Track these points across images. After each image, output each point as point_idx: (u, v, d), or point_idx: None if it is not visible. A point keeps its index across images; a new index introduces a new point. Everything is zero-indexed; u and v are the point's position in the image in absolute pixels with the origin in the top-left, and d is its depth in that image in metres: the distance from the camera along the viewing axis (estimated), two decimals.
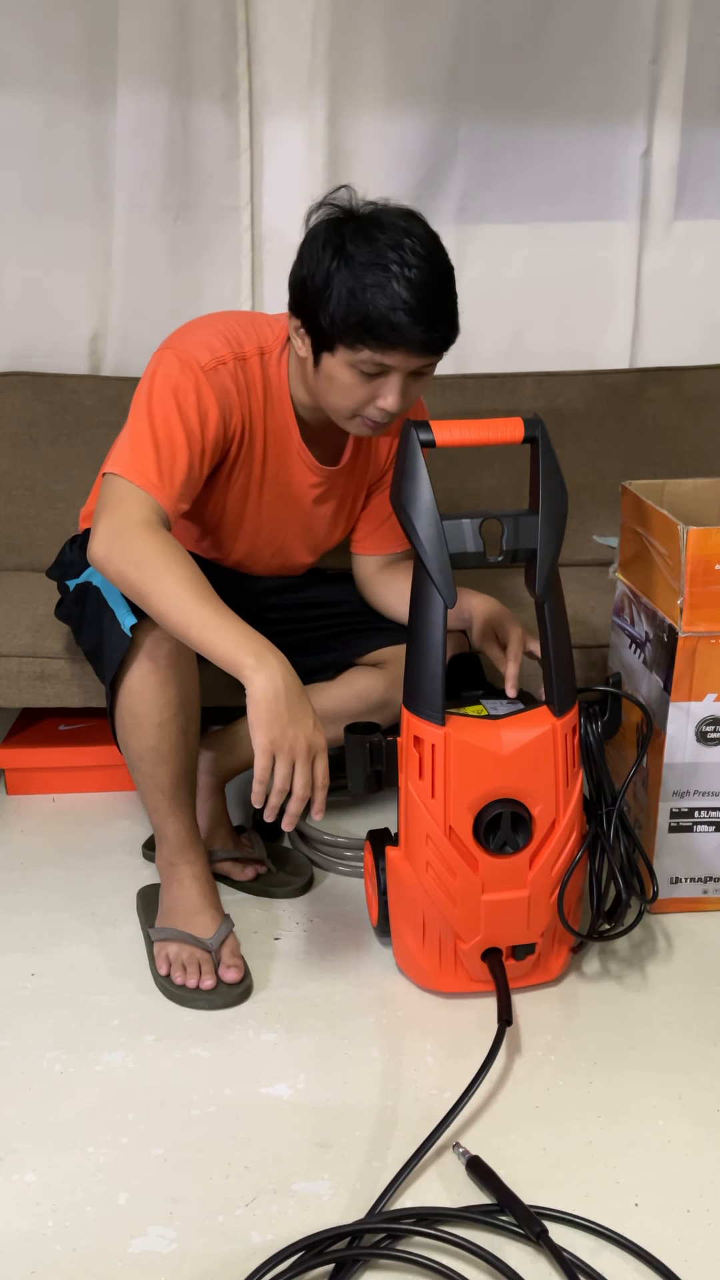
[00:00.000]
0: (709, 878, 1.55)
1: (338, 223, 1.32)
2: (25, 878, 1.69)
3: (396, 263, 1.26)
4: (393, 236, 1.28)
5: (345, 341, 1.30)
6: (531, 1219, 1.04)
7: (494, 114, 2.21)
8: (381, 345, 1.29)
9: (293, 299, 1.37)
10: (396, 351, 1.30)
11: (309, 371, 1.39)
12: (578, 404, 2.25)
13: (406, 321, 1.27)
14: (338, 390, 1.35)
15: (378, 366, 1.31)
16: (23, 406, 2.19)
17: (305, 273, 1.32)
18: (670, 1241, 1.04)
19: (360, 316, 1.27)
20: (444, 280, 1.31)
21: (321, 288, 1.30)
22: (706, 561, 1.40)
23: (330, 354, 1.33)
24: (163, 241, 2.23)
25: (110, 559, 1.28)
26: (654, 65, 2.21)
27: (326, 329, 1.31)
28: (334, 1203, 1.09)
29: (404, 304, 1.26)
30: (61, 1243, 1.05)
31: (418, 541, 1.24)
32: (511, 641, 1.46)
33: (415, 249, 1.28)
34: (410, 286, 1.26)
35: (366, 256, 1.27)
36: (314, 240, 1.33)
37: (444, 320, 1.31)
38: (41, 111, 2.14)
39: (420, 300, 1.27)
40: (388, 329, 1.27)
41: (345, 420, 1.40)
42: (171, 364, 1.37)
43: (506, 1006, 1.29)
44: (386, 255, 1.27)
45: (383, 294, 1.26)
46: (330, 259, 1.29)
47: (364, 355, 1.30)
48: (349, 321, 1.28)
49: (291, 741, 1.22)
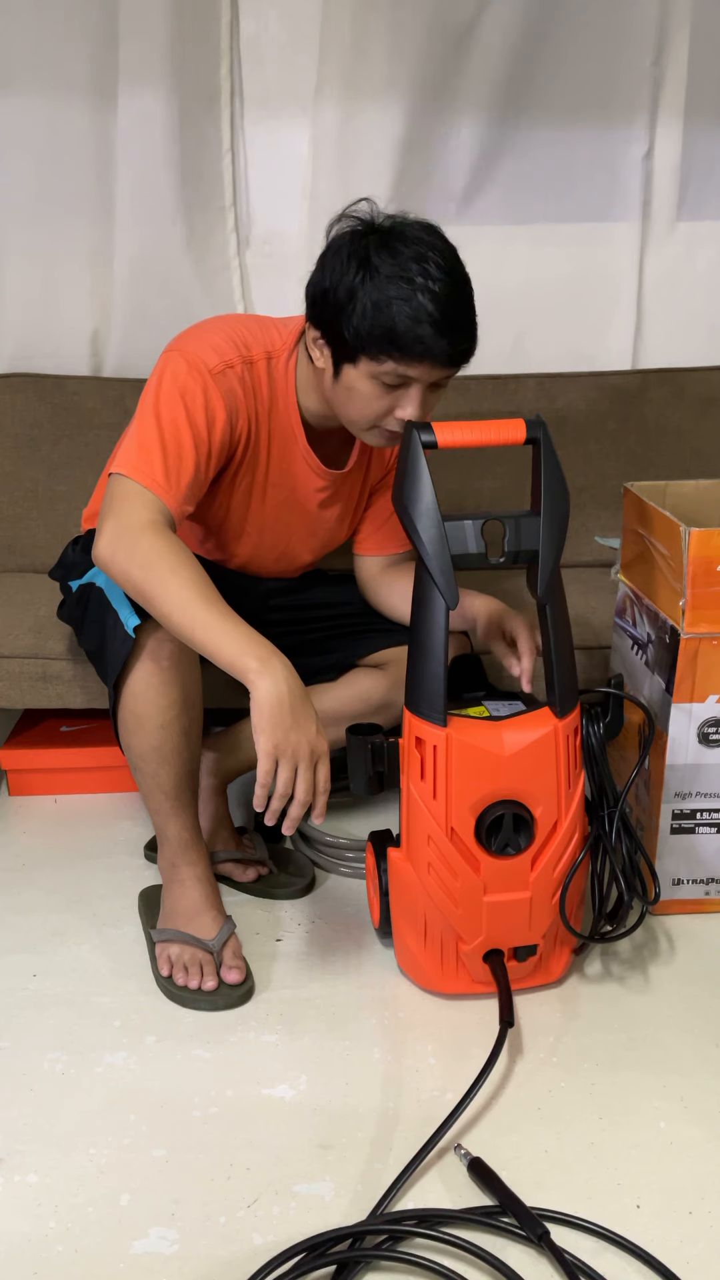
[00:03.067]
0: (711, 879, 1.55)
1: (360, 235, 1.33)
2: (27, 879, 1.70)
3: (421, 275, 1.27)
4: (416, 250, 1.29)
5: (369, 354, 1.31)
6: (533, 1220, 1.04)
7: (496, 115, 2.21)
8: (406, 358, 1.30)
9: (312, 310, 1.37)
10: (421, 364, 1.31)
11: (326, 382, 1.39)
12: (579, 405, 2.25)
13: (431, 334, 1.28)
14: (358, 401, 1.36)
15: (400, 378, 1.32)
16: (25, 408, 2.20)
17: (327, 284, 1.33)
18: (672, 1243, 1.04)
19: (385, 329, 1.28)
20: (466, 294, 1.32)
21: (345, 300, 1.30)
22: (708, 563, 1.40)
23: (352, 365, 1.34)
24: (164, 243, 2.23)
25: (115, 559, 1.28)
26: (656, 66, 2.20)
27: (350, 341, 1.31)
28: (335, 1204, 1.09)
29: (429, 317, 1.27)
30: (63, 1244, 1.05)
31: (419, 543, 1.24)
32: (521, 637, 1.46)
33: (438, 263, 1.29)
34: (435, 300, 1.27)
35: (391, 270, 1.28)
36: (337, 252, 1.33)
37: (467, 333, 1.32)
38: (44, 113, 2.14)
39: (445, 313, 1.28)
40: (413, 341, 1.28)
41: (363, 431, 1.41)
42: (179, 366, 1.37)
43: (508, 1008, 1.29)
44: (411, 268, 1.28)
45: (408, 307, 1.27)
46: (354, 272, 1.30)
47: (388, 367, 1.31)
48: (374, 334, 1.29)
49: (294, 746, 1.22)
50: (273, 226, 2.27)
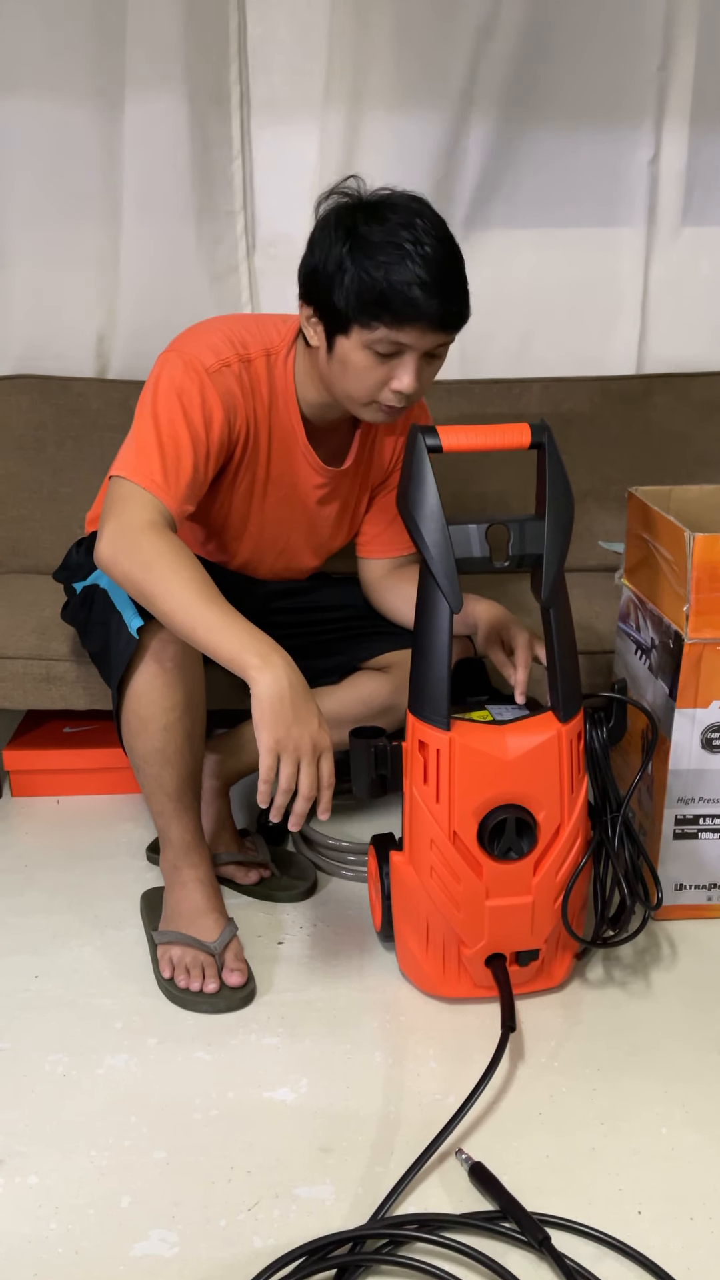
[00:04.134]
0: (713, 885, 1.55)
1: (348, 209, 1.33)
2: (29, 880, 1.70)
3: (410, 241, 1.28)
4: (404, 216, 1.29)
5: (361, 321, 1.31)
6: (534, 1226, 1.04)
7: (502, 120, 2.21)
8: (398, 320, 1.29)
9: (304, 288, 1.37)
10: (413, 327, 1.30)
11: (321, 360, 1.39)
12: (584, 410, 2.25)
13: (422, 296, 1.28)
14: (352, 374, 1.36)
15: (393, 345, 1.32)
16: (30, 409, 2.20)
17: (317, 259, 1.33)
18: (673, 1249, 1.04)
19: (376, 293, 1.28)
20: (456, 258, 1.32)
21: (335, 271, 1.30)
22: (713, 568, 1.40)
23: (345, 336, 1.33)
24: (171, 245, 2.23)
25: (116, 560, 1.29)
26: (662, 71, 2.21)
27: (341, 309, 1.31)
28: (336, 1208, 1.09)
29: (419, 279, 1.27)
30: (64, 1246, 1.05)
31: (424, 546, 1.24)
32: (519, 647, 1.45)
33: (427, 229, 1.29)
34: (425, 262, 1.27)
35: (380, 236, 1.28)
36: (326, 226, 1.34)
37: (458, 295, 1.32)
38: (51, 116, 2.15)
39: (435, 276, 1.28)
40: (404, 303, 1.28)
41: (360, 407, 1.40)
42: (176, 366, 1.37)
43: (510, 1012, 1.29)
44: (399, 234, 1.28)
45: (399, 269, 1.27)
46: (343, 242, 1.30)
47: (380, 334, 1.31)
48: (364, 299, 1.29)
49: (296, 740, 1.22)
50: (280, 229, 2.27)
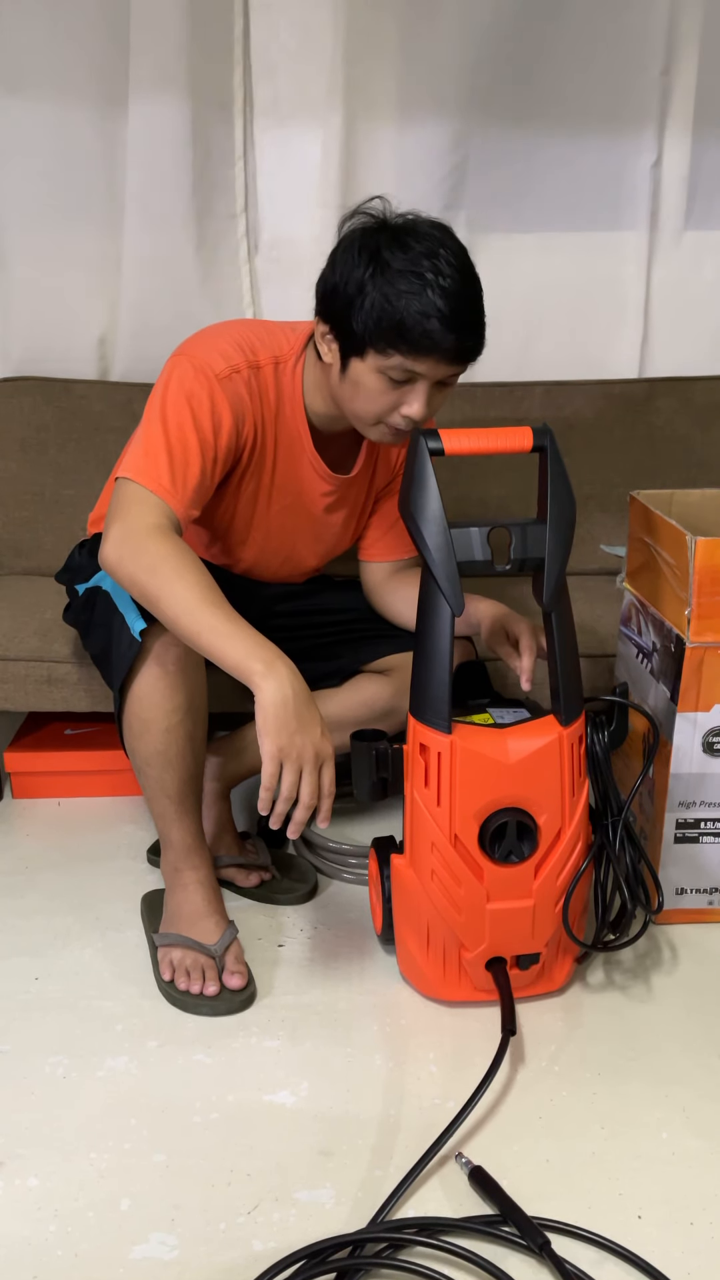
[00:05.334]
0: (714, 889, 1.55)
1: (372, 231, 1.33)
2: (30, 882, 1.70)
3: (431, 271, 1.28)
4: (427, 245, 1.29)
5: (377, 347, 1.31)
6: (534, 1230, 1.03)
7: (505, 124, 2.21)
8: (414, 351, 1.30)
9: (321, 304, 1.37)
10: (428, 359, 1.31)
11: (334, 377, 1.39)
12: (586, 413, 2.25)
13: (440, 329, 1.28)
14: (364, 396, 1.36)
15: (407, 373, 1.32)
16: (32, 411, 2.20)
17: (338, 278, 1.33)
18: (673, 1254, 1.03)
19: (394, 322, 1.29)
20: (475, 292, 1.33)
21: (355, 293, 1.31)
22: (715, 572, 1.40)
23: (360, 359, 1.34)
24: (172, 247, 2.23)
25: (122, 563, 1.29)
26: (665, 76, 2.21)
27: (359, 334, 1.32)
28: (336, 1211, 1.09)
29: (438, 311, 1.28)
30: (63, 1248, 1.05)
31: (425, 550, 1.24)
32: (523, 636, 1.46)
33: (449, 260, 1.29)
34: (445, 295, 1.28)
35: (402, 264, 1.29)
36: (349, 247, 1.33)
37: (475, 329, 1.33)
38: (54, 119, 2.15)
39: (454, 309, 1.28)
40: (421, 335, 1.29)
41: (368, 427, 1.41)
42: (186, 371, 1.37)
43: (510, 1016, 1.29)
44: (421, 263, 1.28)
45: (418, 301, 1.28)
46: (365, 265, 1.30)
47: (395, 361, 1.31)
48: (382, 326, 1.29)
49: (299, 749, 1.22)
50: (282, 233, 2.27)
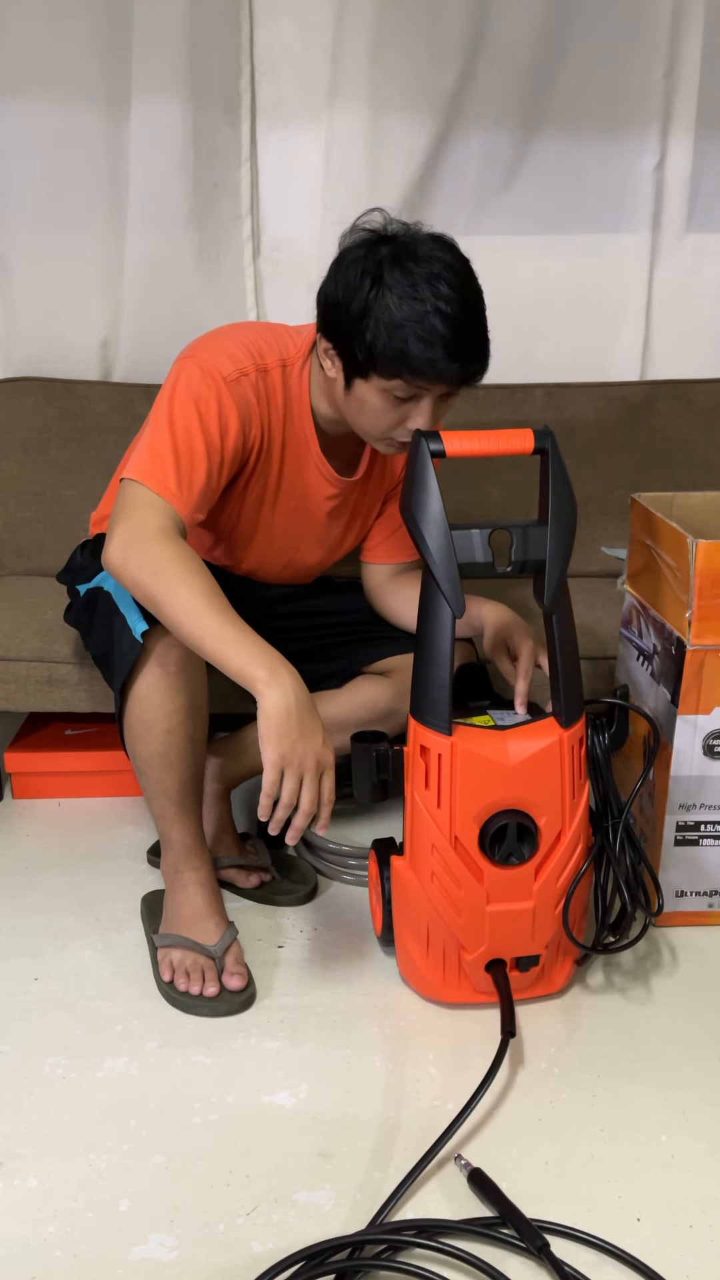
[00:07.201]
0: (714, 891, 1.55)
1: (373, 246, 1.32)
2: (30, 882, 1.70)
3: (433, 296, 1.27)
4: (429, 268, 1.28)
5: (381, 372, 1.31)
6: (533, 1232, 1.03)
7: (507, 125, 2.22)
8: (417, 378, 1.30)
9: (324, 321, 1.37)
10: (433, 384, 1.31)
11: (338, 392, 1.40)
12: (587, 416, 2.26)
13: (443, 358, 1.28)
14: (369, 414, 1.37)
15: (411, 393, 1.33)
16: (34, 411, 2.20)
17: (340, 298, 1.32)
18: (672, 1257, 1.03)
19: (397, 351, 1.28)
20: (479, 314, 1.32)
21: (358, 318, 1.30)
22: (715, 574, 1.40)
23: (364, 380, 1.34)
24: (174, 249, 2.23)
25: (126, 565, 1.29)
26: (668, 78, 2.21)
27: (362, 359, 1.31)
28: (335, 1213, 1.09)
29: (441, 340, 1.27)
30: (62, 1249, 1.05)
31: (426, 551, 1.24)
32: (522, 656, 1.45)
33: (451, 281, 1.28)
34: (447, 321, 1.27)
35: (404, 289, 1.28)
36: (351, 265, 1.32)
37: (479, 354, 1.33)
38: (57, 119, 2.15)
39: (457, 336, 1.28)
40: (425, 364, 1.28)
41: (375, 440, 1.42)
42: (194, 373, 1.37)
43: (510, 1018, 1.29)
44: (423, 289, 1.27)
45: (420, 329, 1.27)
46: (367, 289, 1.29)
47: (398, 384, 1.32)
48: (386, 355, 1.29)
49: (301, 757, 1.23)
50: (284, 234, 2.27)
